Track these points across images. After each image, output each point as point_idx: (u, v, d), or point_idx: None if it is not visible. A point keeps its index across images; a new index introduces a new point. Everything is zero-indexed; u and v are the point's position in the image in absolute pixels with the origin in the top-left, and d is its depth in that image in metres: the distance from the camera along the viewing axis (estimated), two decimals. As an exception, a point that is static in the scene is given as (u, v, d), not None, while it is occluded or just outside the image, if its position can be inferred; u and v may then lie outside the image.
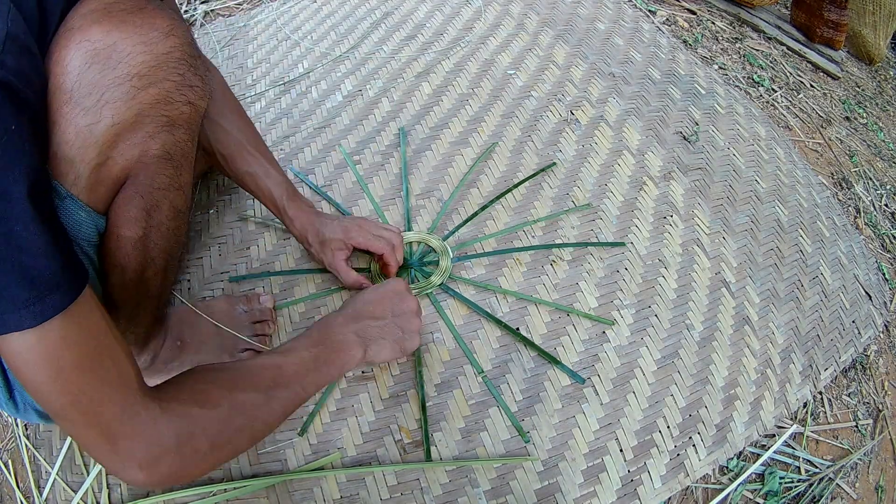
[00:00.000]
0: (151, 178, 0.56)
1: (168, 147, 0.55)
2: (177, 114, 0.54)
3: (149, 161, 0.54)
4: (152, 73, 0.51)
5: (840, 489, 0.86)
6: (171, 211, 0.60)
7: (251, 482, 0.74)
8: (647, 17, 1.54)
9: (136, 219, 0.57)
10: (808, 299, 1.01)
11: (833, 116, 1.53)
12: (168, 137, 0.55)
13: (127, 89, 0.49)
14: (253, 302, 0.86)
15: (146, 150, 0.53)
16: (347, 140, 1.13)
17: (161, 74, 0.51)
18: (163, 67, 0.51)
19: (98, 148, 0.50)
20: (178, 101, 0.54)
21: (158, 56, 0.51)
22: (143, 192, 0.56)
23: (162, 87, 0.52)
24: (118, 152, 0.52)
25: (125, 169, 0.54)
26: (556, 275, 0.95)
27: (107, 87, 0.49)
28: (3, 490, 0.79)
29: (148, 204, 0.57)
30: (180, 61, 0.53)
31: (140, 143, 0.53)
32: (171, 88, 0.53)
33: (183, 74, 0.53)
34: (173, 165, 0.57)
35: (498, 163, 1.10)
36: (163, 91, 0.52)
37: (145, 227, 0.58)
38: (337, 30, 1.38)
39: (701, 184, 1.11)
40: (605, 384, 0.85)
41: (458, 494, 0.75)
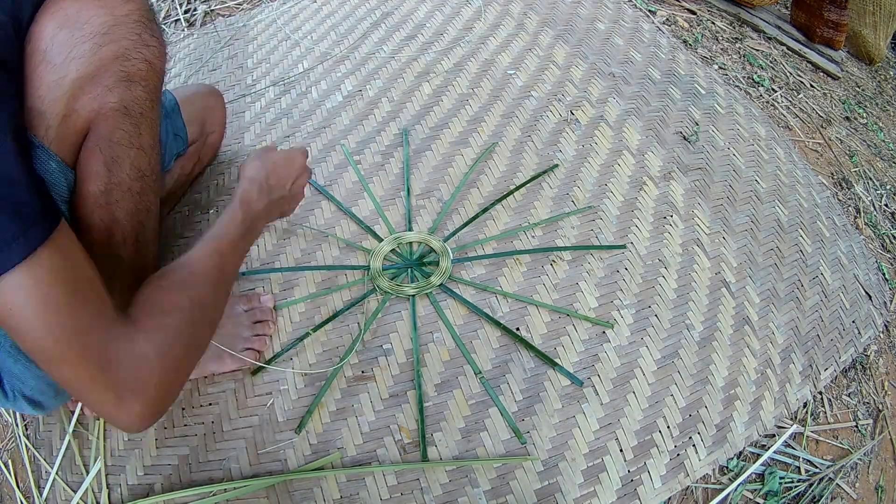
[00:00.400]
0: (110, 132, 0.59)
1: (126, 101, 0.59)
2: (134, 70, 0.59)
3: (108, 113, 0.58)
4: (112, 32, 0.56)
5: (840, 489, 0.86)
6: (133, 170, 0.63)
7: (251, 482, 0.74)
8: (647, 17, 1.54)
9: (97, 172, 0.60)
10: (808, 299, 1.01)
11: (833, 116, 1.53)
12: (125, 92, 0.59)
13: (90, 46, 0.55)
14: (253, 301, 0.86)
15: (105, 103, 0.58)
16: (347, 140, 1.13)
17: (120, 33, 0.57)
18: (121, 27, 0.57)
19: (65, 100, 0.55)
20: (134, 59, 0.58)
21: (118, 17, 0.56)
22: (102, 146, 0.59)
23: (120, 44, 0.57)
24: (80, 104, 0.56)
25: (87, 120, 0.58)
26: (556, 275, 0.95)
27: (73, 45, 0.54)
28: (3, 490, 0.79)
29: (107, 158, 0.60)
30: (137, 23, 0.58)
31: (99, 95, 0.57)
32: (129, 46, 0.58)
33: (140, 34, 0.58)
34: (131, 122, 0.61)
35: (498, 163, 1.10)
36: (121, 48, 0.57)
37: (107, 183, 0.61)
38: (337, 30, 1.38)
39: (701, 184, 1.11)
40: (605, 384, 0.85)
41: (458, 494, 0.75)
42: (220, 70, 1.31)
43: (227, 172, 1.08)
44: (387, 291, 0.91)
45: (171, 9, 1.52)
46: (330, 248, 0.97)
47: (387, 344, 0.87)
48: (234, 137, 1.15)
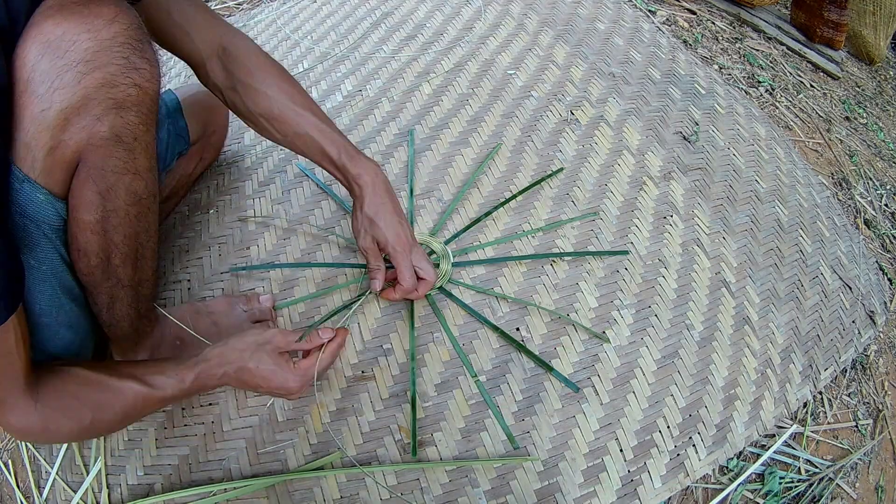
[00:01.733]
0: (102, 161, 0.57)
1: (117, 129, 0.56)
2: (123, 96, 0.56)
3: (98, 143, 0.56)
4: (96, 58, 0.53)
5: (840, 489, 0.86)
6: (128, 196, 0.61)
7: (251, 482, 0.74)
8: (647, 17, 1.54)
9: (91, 202, 0.58)
10: (808, 299, 1.01)
11: (833, 116, 1.53)
12: (116, 120, 0.56)
13: (73, 75, 0.52)
14: (253, 302, 0.86)
15: (94, 133, 0.55)
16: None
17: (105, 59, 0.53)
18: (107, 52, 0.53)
19: (50, 132, 0.53)
20: (123, 84, 0.55)
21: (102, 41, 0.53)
22: (95, 176, 0.57)
23: (107, 70, 0.54)
24: (68, 135, 0.54)
25: (76, 152, 0.56)
26: (556, 275, 0.95)
27: (57, 74, 0.51)
28: (3, 490, 0.79)
29: (101, 187, 0.58)
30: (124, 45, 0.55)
31: (88, 125, 0.54)
32: (116, 72, 0.54)
33: (127, 58, 0.55)
34: (125, 148, 0.58)
35: (498, 163, 1.10)
36: (107, 74, 0.54)
37: (102, 211, 0.59)
38: (337, 30, 1.38)
39: (701, 184, 1.11)
40: (605, 384, 0.85)
41: (457, 494, 0.75)
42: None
43: (228, 172, 1.08)
44: None
45: (171, 9, 1.52)
46: (330, 249, 0.97)
47: (387, 344, 0.87)
48: (235, 137, 1.15)
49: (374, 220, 0.80)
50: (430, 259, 0.85)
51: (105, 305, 0.67)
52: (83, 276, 0.63)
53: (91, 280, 0.63)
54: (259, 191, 1.05)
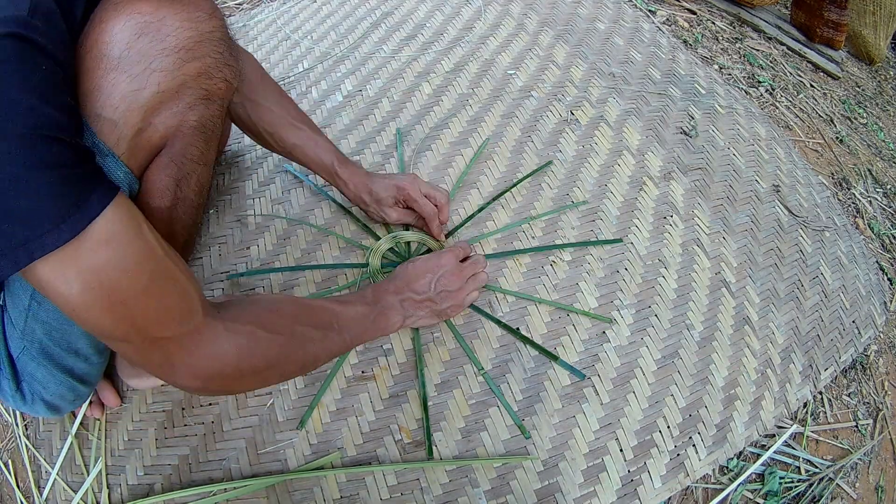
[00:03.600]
0: (185, 148, 0.58)
1: (204, 120, 0.59)
2: (214, 88, 0.58)
3: (186, 131, 0.57)
4: (197, 48, 0.54)
5: (840, 489, 0.86)
6: (197, 185, 0.63)
7: (251, 482, 0.74)
8: (647, 17, 1.54)
9: (166, 188, 0.59)
10: (808, 299, 1.01)
11: (833, 116, 1.53)
12: (205, 110, 0.58)
13: (173, 60, 0.53)
14: None
15: (185, 120, 0.57)
16: (347, 140, 1.13)
17: (204, 50, 0.55)
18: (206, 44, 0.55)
19: (142, 113, 0.53)
20: (216, 77, 0.57)
21: (203, 33, 0.55)
22: (177, 161, 0.59)
23: (204, 62, 0.55)
24: (160, 119, 0.55)
25: (164, 136, 0.57)
26: (556, 275, 0.95)
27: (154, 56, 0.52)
28: (3, 490, 0.79)
29: (179, 174, 0.59)
30: (220, 41, 0.57)
31: (180, 112, 0.56)
32: (212, 64, 0.56)
33: (222, 53, 0.57)
34: (205, 139, 0.60)
35: (498, 163, 1.10)
36: (204, 66, 0.56)
37: (173, 199, 0.60)
38: (337, 30, 1.38)
39: (701, 184, 1.11)
40: (605, 384, 0.85)
41: (458, 494, 0.75)
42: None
43: (228, 172, 1.08)
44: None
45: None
46: (330, 248, 0.97)
47: (387, 344, 0.87)
48: (235, 137, 1.15)
49: (377, 198, 0.90)
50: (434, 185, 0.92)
51: None
52: None
53: None
54: (259, 191, 1.05)
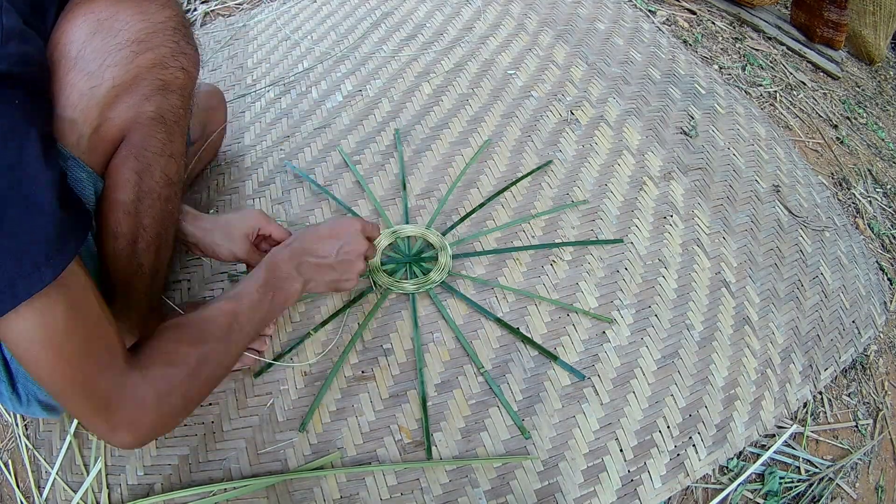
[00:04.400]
0: (144, 140, 0.58)
1: (162, 110, 0.58)
2: (171, 78, 0.57)
3: (143, 122, 0.57)
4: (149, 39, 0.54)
5: (840, 489, 0.86)
6: (162, 178, 0.62)
7: (251, 482, 0.74)
8: (647, 17, 1.54)
9: (128, 181, 0.59)
10: (808, 299, 1.01)
11: (833, 116, 1.53)
12: (162, 101, 0.58)
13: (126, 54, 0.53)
14: None
15: (141, 112, 0.56)
16: (347, 140, 1.13)
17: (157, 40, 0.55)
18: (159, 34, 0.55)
19: (99, 109, 0.53)
20: (172, 66, 0.57)
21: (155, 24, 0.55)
22: (137, 154, 0.58)
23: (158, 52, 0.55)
24: (116, 113, 0.55)
25: (122, 129, 0.57)
26: (556, 274, 0.95)
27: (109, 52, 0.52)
28: (3, 490, 0.79)
29: (140, 166, 0.59)
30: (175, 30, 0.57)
31: (136, 104, 0.56)
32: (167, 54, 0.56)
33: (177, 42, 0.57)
34: (166, 130, 0.60)
35: (498, 163, 1.10)
36: (158, 56, 0.55)
37: (137, 191, 0.60)
38: (337, 30, 1.38)
39: (701, 184, 1.11)
40: (606, 384, 0.85)
41: (458, 494, 0.75)
42: (220, 70, 1.31)
43: (228, 172, 1.08)
44: (387, 288, 0.91)
45: (171, 9, 1.52)
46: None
47: (387, 344, 0.87)
48: (235, 137, 1.15)
49: (228, 231, 0.78)
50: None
51: (122, 292, 0.66)
52: (109, 258, 0.63)
53: (116, 264, 0.63)
54: (259, 191, 1.05)
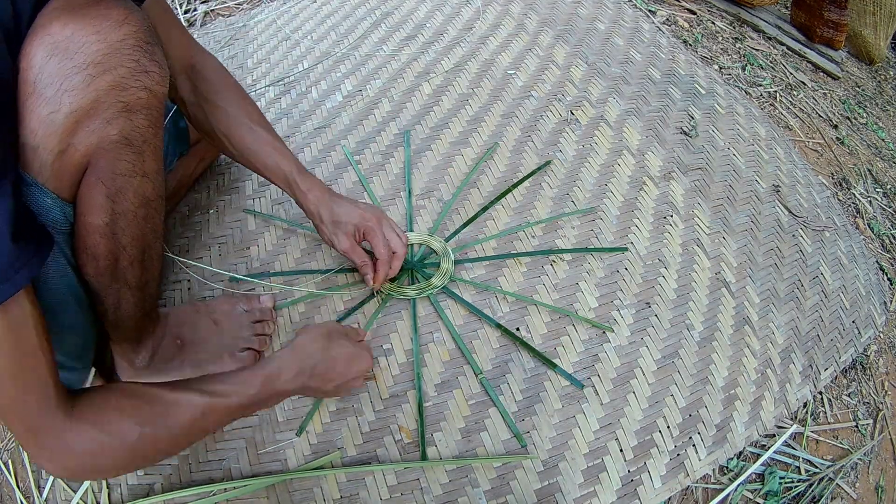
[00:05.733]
0: (112, 164, 0.57)
1: (126, 132, 0.56)
2: (133, 99, 0.55)
3: (108, 147, 0.55)
4: (106, 61, 0.52)
5: (840, 489, 0.86)
6: (136, 198, 0.61)
7: (251, 482, 0.74)
8: (647, 17, 1.54)
9: (100, 205, 0.58)
10: (808, 299, 1.01)
11: (833, 116, 1.53)
12: (126, 123, 0.56)
13: (83, 77, 0.51)
14: (253, 302, 0.86)
15: (104, 136, 0.55)
16: (347, 140, 1.13)
17: (115, 61, 0.53)
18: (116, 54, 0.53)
19: (59, 136, 0.52)
20: (133, 87, 0.55)
21: (112, 44, 0.52)
22: (105, 179, 0.57)
23: (116, 73, 0.53)
24: (78, 139, 0.53)
25: (86, 155, 0.55)
26: (556, 275, 0.95)
27: (65, 76, 0.50)
28: (3, 490, 0.79)
29: (110, 190, 0.58)
30: (134, 48, 0.54)
31: (98, 129, 0.54)
32: (126, 74, 0.54)
33: (138, 61, 0.54)
34: (134, 151, 0.58)
35: (498, 163, 1.10)
36: (117, 77, 0.53)
37: (111, 214, 0.59)
38: (337, 30, 1.38)
39: (701, 184, 1.11)
40: (606, 384, 0.85)
41: (458, 494, 0.75)
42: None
43: (228, 172, 1.08)
44: (388, 293, 0.91)
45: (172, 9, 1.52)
46: (330, 249, 0.97)
47: (387, 344, 0.87)
48: (234, 137, 1.15)
49: (336, 220, 0.83)
50: (400, 229, 0.87)
51: (112, 307, 0.66)
52: (91, 278, 0.62)
53: (99, 283, 0.63)
54: (259, 191, 1.05)
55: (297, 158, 0.83)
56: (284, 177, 0.82)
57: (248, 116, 0.81)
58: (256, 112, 0.82)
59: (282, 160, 0.81)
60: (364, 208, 0.85)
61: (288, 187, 0.83)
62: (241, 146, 0.81)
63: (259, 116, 0.82)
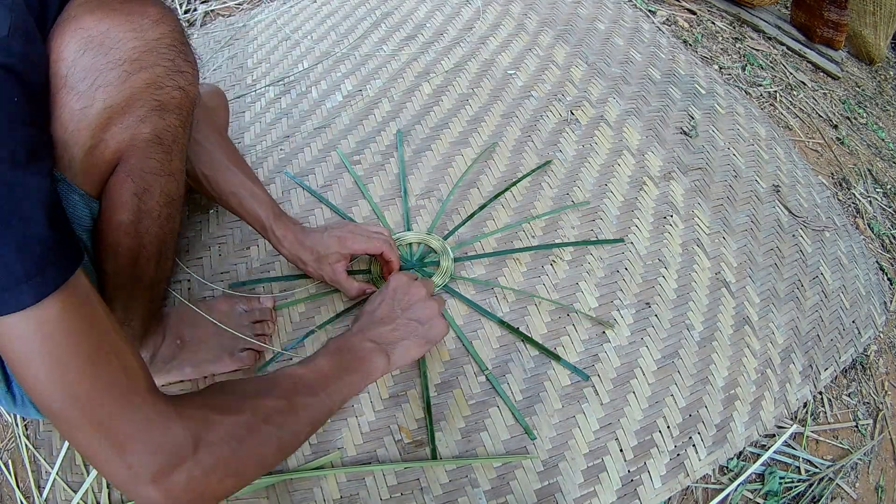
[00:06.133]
0: (142, 162, 0.56)
1: (158, 131, 0.56)
2: (167, 98, 0.55)
3: (139, 144, 0.55)
4: (143, 58, 0.52)
5: (840, 489, 0.86)
6: (162, 197, 0.61)
7: (251, 482, 0.74)
8: (647, 17, 1.54)
9: (127, 203, 0.58)
10: (808, 299, 1.01)
11: (833, 116, 1.53)
12: (158, 121, 0.55)
13: (119, 73, 0.51)
14: (253, 302, 0.86)
15: (137, 134, 0.54)
16: (347, 140, 1.13)
17: (151, 59, 0.52)
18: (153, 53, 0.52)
19: (91, 131, 0.51)
20: (168, 86, 0.55)
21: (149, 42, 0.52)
22: (134, 176, 0.57)
23: (153, 71, 0.53)
24: (110, 135, 0.53)
25: (117, 152, 0.55)
26: (557, 274, 0.95)
27: (100, 71, 0.50)
28: (3, 490, 0.79)
29: (139, 188, 0.58)
30: (170, 47, 0.54)
31: (131, 126, 0.54)
32: (162, 73, 0.54)
33: (173, 60, 0.54)
34: (164, 150, 0.58)
35: (498, 163, 1.10)
36: (153, 75, 0.53)
37: (137, 212, 0.59)
38: (337, 30, 1.38)
39: (701, 184, 1.11)
40: (606, 384, 0.85)
41: (458, 494, 0.75)
42: (220, 70, 1.31)
43: (227, 172, 1.08)
44: None
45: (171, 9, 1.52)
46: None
47: (387, 344, 0.87)
48: (235, 138, 1.15)
49: (317, 255, 0.82)
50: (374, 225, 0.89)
51: (123, 304, 0.66)
52: (108, 275, 0.62)
53: (116, 279, 0.63)
54: (259, 191, 1.05)
55: (273, 203, 0.82)
56: (262, 224, 0.81)
57: (228, 157, 0.80)
58: (235, 153, 0.82)
59: (259, 207, 0.80)
60: (334, 230, 0.84)
61: (265, 233, 0.82)
62: (219, 188, 0.79)
63: (238, 157, 0.82)
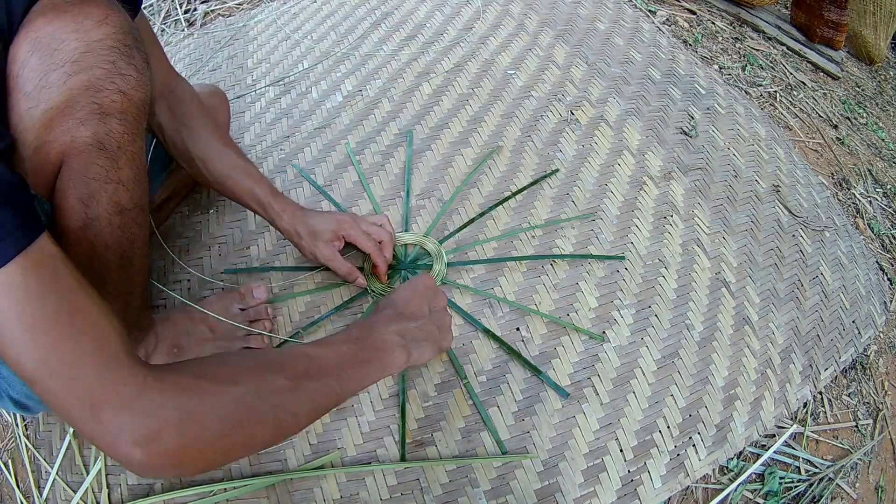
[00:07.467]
0: (84, 167, 0.56)
1: (99, 136, 0.55)
2: (107, 101, 0.54)
3: (80, 148, 0.54)
4: (82, 60, 0.51)
5: (840, 489, 0.86)
6: (111, 205, 0.59)
7: (251, 482, 0.74)
8: (647, 17, 1.54)
9: (73, 208, 0.57)
10: (808, 299, 1.01)
11: (833, 116, 1.53)
12: (99, 126, 0.54)
13: (60, 75, 0.51)
14: (247, 297, 0.86)
15: (76, 137, 0.54)
16: (347, 140, 1.13)
17: (91, 61, 0.52)
18: (93, 54, 0.52)
19: (35, 132, 0.52)
20: (108, 89, 0.54)
21: (90, 43, 0.51)
22: (76, 181, 0.56)
23: (92, 73, 0.52)
24: (52, 136, 0.53)
25: (60, 154, 0.54)
26: (556, 275, 0.95)
27: (44, 72, 0.50)
28: (3, 490, 0.79)
29: (83, 194, 0.57)
30: (112, 49, 0.53)
31: (71, 128, 0.53)
32: (101, 76, 0.53)
33: (114, 62, 0.53)
34: (108, 156, 0.57)
35: (498, 163, 1.10)
36: (92, 78, 0.52)
37: (84, 219, 0.58)
38: (337, 30, 1.38)
39: (701, 184, 1.11)
40: (605, 384, 0.85)
41: (458, 494, 0.75)
42: (220, 70, 1.31)
43: (227, 172, 1.08)
44: (379, 294, 0.90)
45: (171, 9, 1.52)
46: (330, 248, 0.97)
47: (387, 344, 0.87)
48: (235, 138, 1.15)
49: (313, 231, 0.84)
50: (376, 217, 0.91)
51: None
52: None
53: None
54: (259, 191, 1.05)
55: (270, 182, 0.84)
56: (259, 200, 0.82)
57: (221, 141, 0.81)
58: (227, 137, 0.83)
59: (256, 184, 0.81)
60: (334, 213, 0.87)
61: (262, 210, 0.83)
62: (215, 170, 0.80)
63: (230, 141, 0.83)
